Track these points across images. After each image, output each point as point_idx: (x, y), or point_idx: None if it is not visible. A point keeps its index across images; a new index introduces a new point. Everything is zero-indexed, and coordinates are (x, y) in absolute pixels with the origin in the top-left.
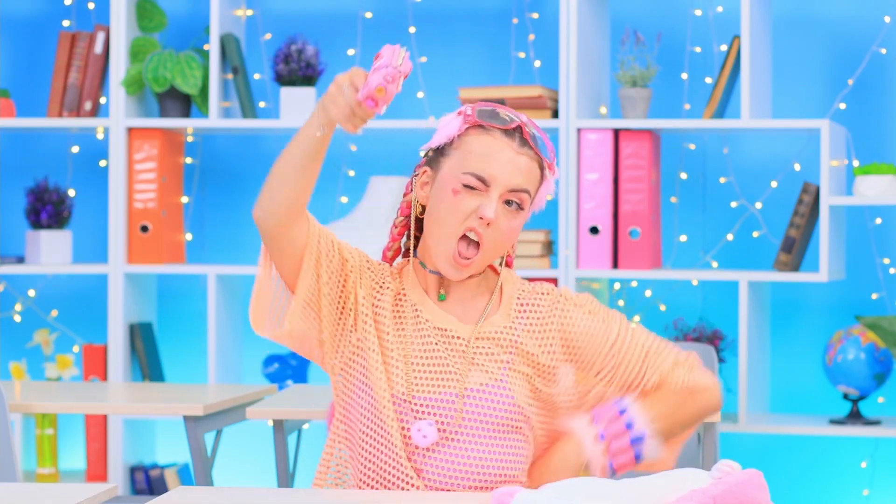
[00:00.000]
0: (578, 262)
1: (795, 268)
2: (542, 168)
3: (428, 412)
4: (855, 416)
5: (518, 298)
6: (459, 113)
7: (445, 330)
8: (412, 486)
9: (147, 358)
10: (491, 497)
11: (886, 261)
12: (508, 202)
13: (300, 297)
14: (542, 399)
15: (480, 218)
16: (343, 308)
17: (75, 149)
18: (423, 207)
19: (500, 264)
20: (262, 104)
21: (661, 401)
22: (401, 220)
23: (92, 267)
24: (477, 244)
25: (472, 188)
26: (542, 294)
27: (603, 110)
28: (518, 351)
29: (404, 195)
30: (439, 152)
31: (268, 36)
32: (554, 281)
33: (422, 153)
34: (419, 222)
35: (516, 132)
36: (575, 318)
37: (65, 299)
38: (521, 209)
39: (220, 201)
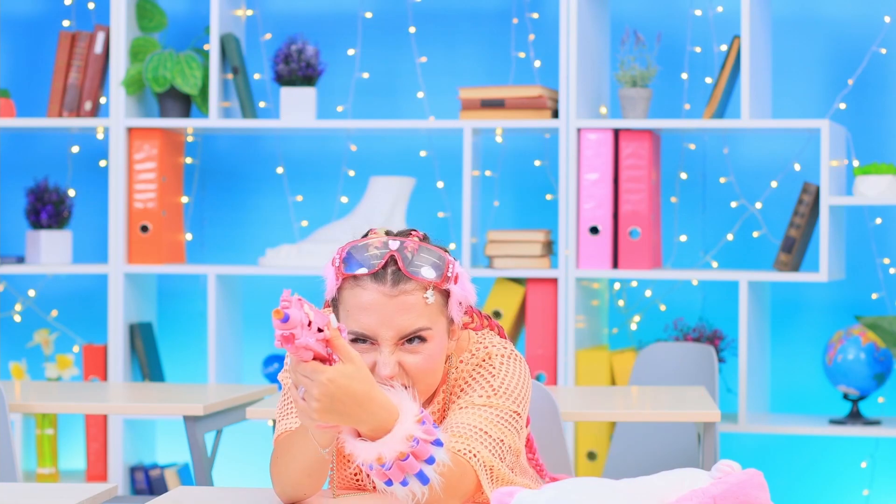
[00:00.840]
0: (578, 262)
1: (795, 268)
2: (434, 288)
3: None
4: (855, 416)
5: (450, 385)
6: (332, 262)
7: None
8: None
9: (147, 358)
10: (491, 497)
11: (886, 261)
12: (410, 340)
13: None
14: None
15: (381, 375)
16: None
17: (75, 149)
18: None
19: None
20: (262, 104)
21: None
22: None
23: (92, 267)
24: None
25: (364, 341)
26: (469, 372)
27: (603, 110)
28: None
29: None
30: (335, 305)
31: (268, 36)
32: (554, 281)
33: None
34: None
35: (387, 271)
36: (469, 388)
37: (65, 299)
38: (426, 339)
39: (220, 201)
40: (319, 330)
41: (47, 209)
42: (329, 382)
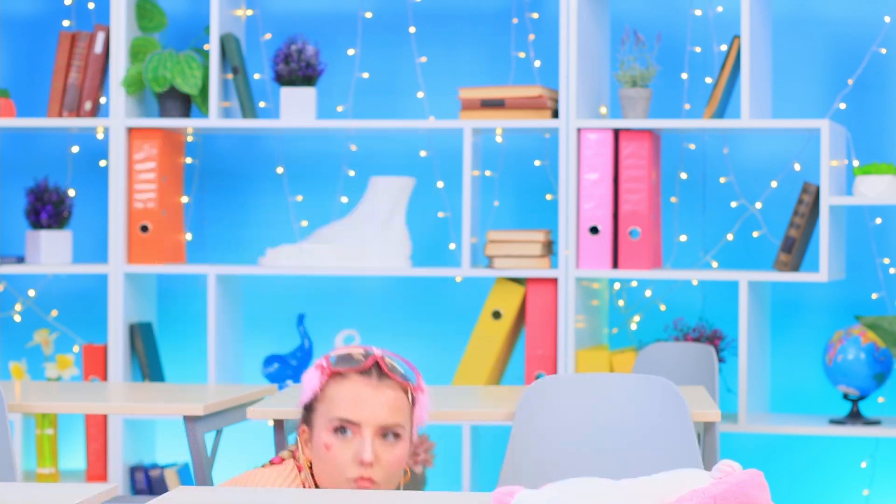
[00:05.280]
0: (578, 262)
1: (795, 268)
2: (407, 392)
3: None
4: (855, 416)
5: None
6: (318, 366)
7: None
8: None
9: (147, 358)
10: (491, 497)
11: (886, 261)
12: (385, 435)
13: None
14: None
15: (361, 463)
16: None
17: (75, 149)
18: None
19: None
20: (262, 104)
21: None
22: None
23: (92, 267)
24: (370, 480)
25: (344, 432)
26: None
27: (603, 110)
28: None
29: (294, 457)
30: (309, 409)
31: (268, 36)
32: (554, 281)
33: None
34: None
35: (373, 369)
36: None
37: (65, 299)
38: (399, 437)
39: (220, 201)
40: None
41: (47, 209)
42: None
